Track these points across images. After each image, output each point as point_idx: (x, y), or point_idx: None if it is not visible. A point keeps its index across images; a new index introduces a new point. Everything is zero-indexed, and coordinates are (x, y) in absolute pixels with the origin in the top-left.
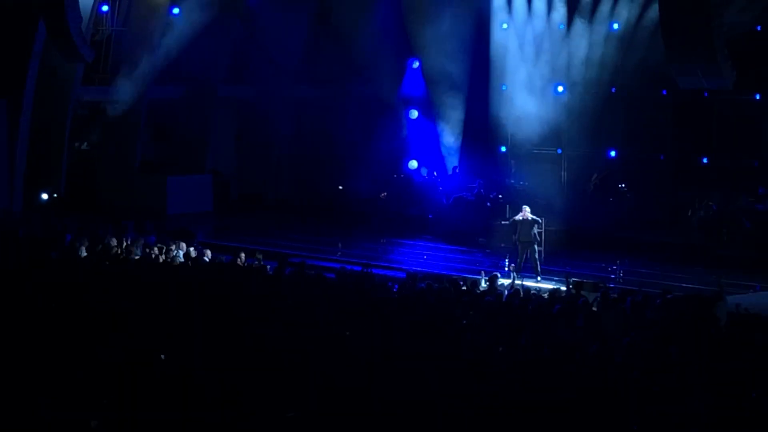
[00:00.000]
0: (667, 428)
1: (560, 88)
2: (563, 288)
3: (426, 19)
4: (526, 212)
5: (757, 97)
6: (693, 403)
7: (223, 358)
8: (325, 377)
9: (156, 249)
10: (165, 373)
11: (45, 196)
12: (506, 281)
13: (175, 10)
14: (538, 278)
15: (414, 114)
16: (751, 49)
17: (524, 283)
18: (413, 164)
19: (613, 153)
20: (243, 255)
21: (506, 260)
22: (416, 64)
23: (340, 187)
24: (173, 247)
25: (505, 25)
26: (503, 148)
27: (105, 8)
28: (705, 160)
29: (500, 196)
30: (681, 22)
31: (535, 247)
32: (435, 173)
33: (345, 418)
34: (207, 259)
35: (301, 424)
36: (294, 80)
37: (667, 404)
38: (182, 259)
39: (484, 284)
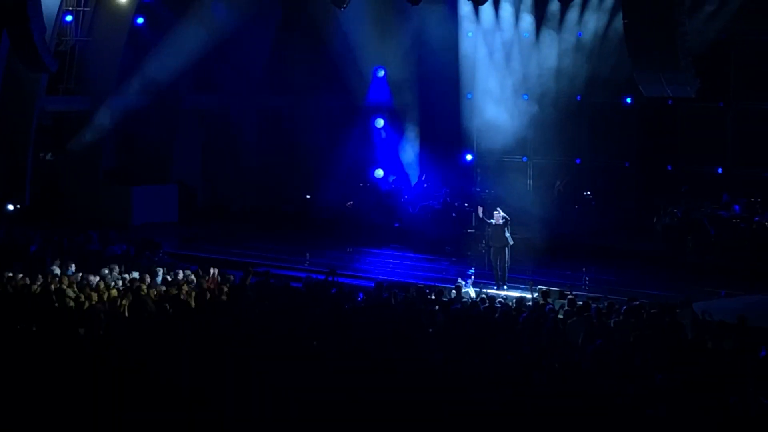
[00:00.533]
0: None
1: (526, 96)
2: (529, 296)
3: (391, 27)
4: (498, 216)
5: (721, 104)
6: (659, 410)
7: (197, 365)
8: (293, 385)
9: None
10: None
11: (11, 207)
12: (472, 291)
13: (140, 20)
14: (505, 286)
15: (380, 123)
16: (714, 58)
17: (490, 291)
18: (379, 173)
19: (578, 161)
20: (215, 271)
21: (472, 269)
22: (381, 73)
23: (308, 196)
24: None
25: (470, 34)
26: (469, 157)
27: (69, 18)
28: (669, 168)
29: (466, 204)
30: (645, 31)
31: (506, 252)
32: (391, 179)
33: (314, 425)
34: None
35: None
36: (260, 89)
37: (633, 411)
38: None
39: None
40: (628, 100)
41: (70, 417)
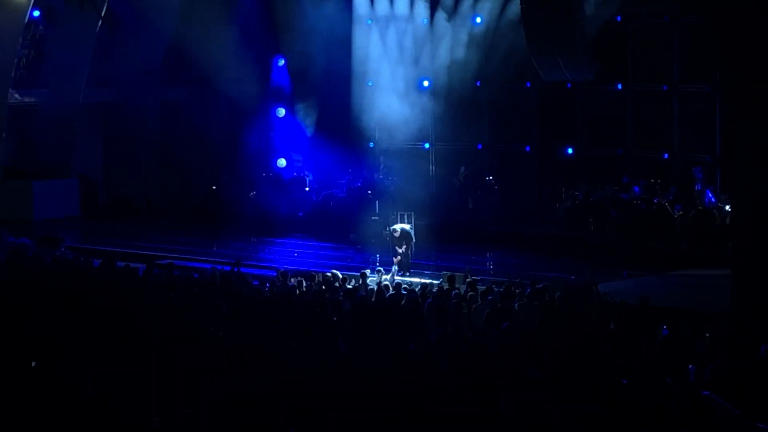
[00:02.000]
0: (536, 418)
1: (426, 83)
2: (435, 282)
3: (290, 16)
4: (397, 231)
5: (619, 87)
6: (562, 393)
7: (90, 361)
8: (196, 379)
9: None
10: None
11: None
12: (375, 278)
13: (36, 13)
14: (407, 273)
15: (281, 112)
16: (611, 41)
17: (396, 277)
18: (282, 162)
19: (480, 146)
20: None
21: (378, 256)
22: (281, 62)
23: (214, 188)
24: None
25: (369, 21)
26: (371, 144)
27: None
28: (570, 151)
29: (369, 192)
30: (542, 15)
31: (411, 244)
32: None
33: (218, 420)
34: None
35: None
36: (159, 82)
37: (536, 394)
38: None
39: (375, 277)
40: (528, 84)
41: None
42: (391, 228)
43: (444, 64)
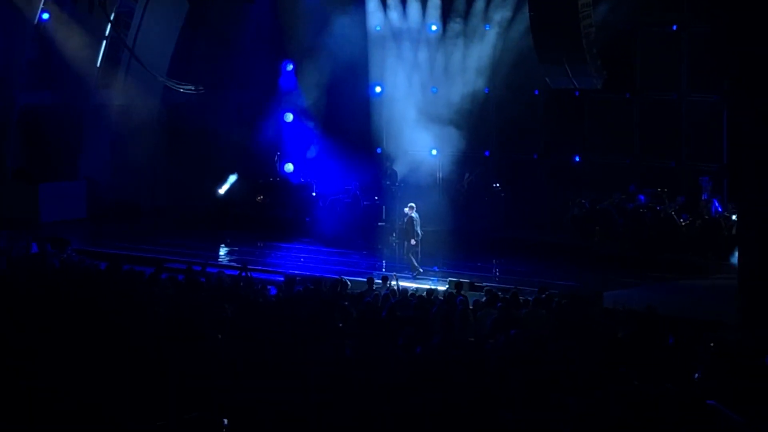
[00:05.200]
0: (538, 427)
1: (434, 90)
2: (441, 288)
3: (300, 20)
4: (411, 211)
5: (627, 95)
6: (566, 402)
7: (90, 365)
8: (199, 384)
9: None
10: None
11: None
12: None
13: (45, 16)
14: (420, 269)
15: (289, 117)
16: (619, 49)
17: (401, 283)
18: (289, 167)
19: (487, 153)
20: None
21: (383, 261)
22: (290, 67)
23: (220, 192)
24: None
25: (378, 27)
26: (379, 150)
27: None
28: (577, 159)
29: (376, 197)
30: (550, 23)
31: (413, 242)
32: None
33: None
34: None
35: None
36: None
37: (539, 403)
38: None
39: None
40: (536, 92)
41: None
42: (410, 204)
43: (453, 72)
